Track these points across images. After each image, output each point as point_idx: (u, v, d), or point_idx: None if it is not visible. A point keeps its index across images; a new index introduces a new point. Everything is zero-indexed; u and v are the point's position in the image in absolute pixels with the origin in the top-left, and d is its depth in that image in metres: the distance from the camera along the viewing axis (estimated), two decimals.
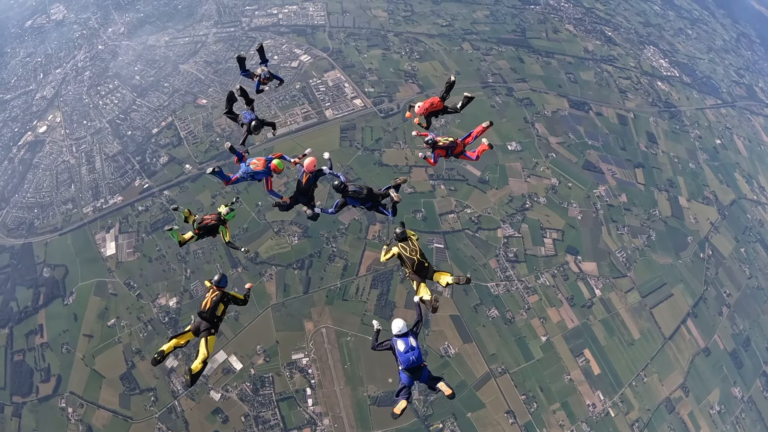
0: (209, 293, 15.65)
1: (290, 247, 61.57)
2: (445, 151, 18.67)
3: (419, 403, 54.68)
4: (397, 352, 13.85)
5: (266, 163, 17.78)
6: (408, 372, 13.80)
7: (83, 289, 60.29)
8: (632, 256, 68.10)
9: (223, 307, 15.51)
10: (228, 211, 17.88)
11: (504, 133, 74.60)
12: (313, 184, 18.05)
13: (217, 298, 15.43)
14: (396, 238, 16.27)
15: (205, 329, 14.96)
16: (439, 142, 18.45)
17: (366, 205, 17.56)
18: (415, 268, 15.71)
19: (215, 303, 15.32)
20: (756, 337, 69.01)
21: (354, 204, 17.55)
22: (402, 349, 13.71)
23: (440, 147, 18.51)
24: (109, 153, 70.99)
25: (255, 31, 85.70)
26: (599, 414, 57.48)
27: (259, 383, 54.59)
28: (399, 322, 14.21)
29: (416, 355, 13.67)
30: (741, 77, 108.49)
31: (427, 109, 19.60)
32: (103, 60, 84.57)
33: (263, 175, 17.89)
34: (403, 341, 13.86)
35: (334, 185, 17.09)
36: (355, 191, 17.10)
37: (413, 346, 13.79)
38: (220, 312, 15.41)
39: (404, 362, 13.65)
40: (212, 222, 17.54)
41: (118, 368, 55.90)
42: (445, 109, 19.92)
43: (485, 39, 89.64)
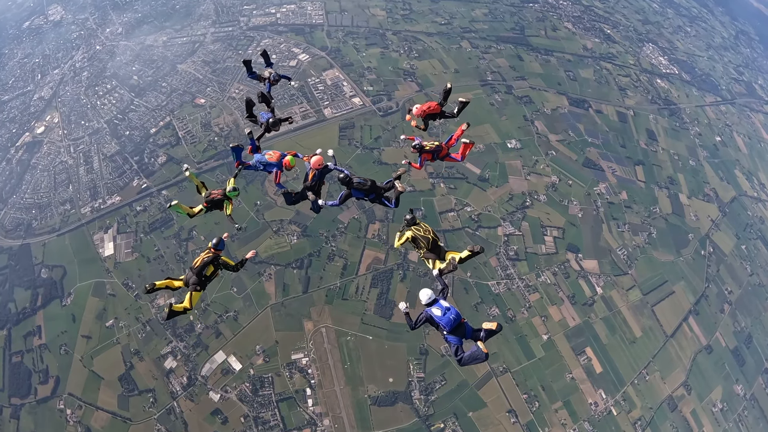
0: (204, 252, 16.11)
1: (289, 247, 61.00)
2: (431, 155, 19.17)
3: (420, 403, 54.06)
4: (435, 318, 13.94)
5: (280, 157, 18.29)
6: (453, 333, 13.88)
7: (81, 290, 59.76)
8: (633, 253, 67.56)
9: (212, 268, 15.90)
10: (232, 189, 18.14)
11: (504, 131, 74.20)
12: (320, 181, 18.50)
13: (209, 259, 15.77)
14: (407, 224, 16.51)
15: (193, 284, 15.48)
16: (426, 146, 18.89)
17: (369, 196, 17.89)
18: (430, 246, 16.03)
19: (206, 263, 15.70)
20: (758, 335, 68.49)
21: (358, 196, 17.92)
22: (439, 314, 13.84)
23: (427, 151, 19.00)
24: (107, 153, 70.49)
25: (253, 31, 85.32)
26: (601, 413, 56.88)
27: (259, 384, 53.99)
28: (426, 291, 14.37)
29: (454, 313, 13.83)
30: (740, 74, 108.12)
31: (424, 111, 20.10)
32: (100, 60, 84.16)
33: (274, 168, 18.31)
34: (437, 307, 14.00)
35: (339, 178, 17.55)
36: (360, 183, 17.52)
37: (448, 307, 13.94)
38: (209, 272, 15.83)
39: (447, 324, 13.76)
40: (218, 196, 18.07)
41: (116, 369, 55.36)
42: (442, 113, 20.39)
43: (484, 37, 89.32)
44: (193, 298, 15.39)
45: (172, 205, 17.52)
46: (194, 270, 15.60)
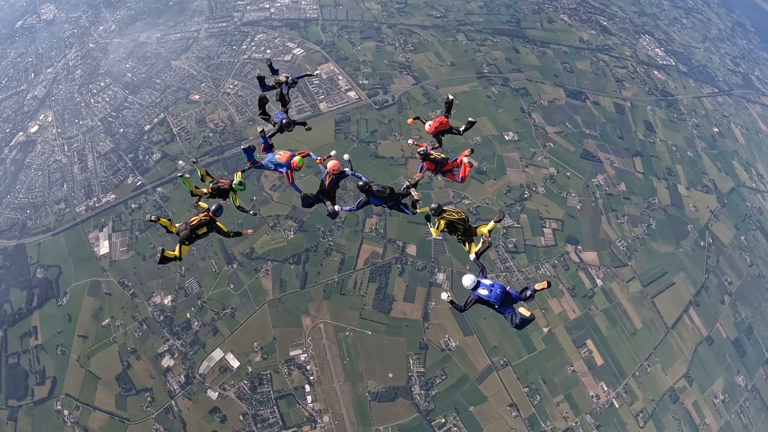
0: (202, 214, 16.70)
1: (286, 242, 60.24)
2: (434, 165, 18.99)
3: (420, 399, 53.41)
4: (485, 298, 14.69)
5: (290, 158, 18.35)
6: (504, 305, 14.75)
7: (77, 290, 59.01)
8: (633, 245, 67.19)
9: (206, 229, 16.61)
10: (238, 182, 18.27)
11: (501, 123, 73.77)
12: (336, 185, 18.48)
13: (205, 221, 16.51)
14: (436, 214, 16.58)
15: (183, 238, 16.28)
16: (432, 155, 18.81)
17: (388, 203, 17.95)
18: (464, 232, 16.52)
19: (201, 224, 16.45)
20: (758, 325, 68.18)
21: (376, 203, 17.91)
22: (487, 293, 14.63)
23: (431, 160, 18.84)
24: (101, 151, 69.66)
25: (247, 26, 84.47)
26: (603, 405, 56.41)
27: (257, 381, 53.28)
28: (468, 276, 15.07)
29: (498, 287, 14.64)
30: (737, 66, 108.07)
31: (436, 128, 19.93)
32: (94, 58, 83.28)
33: (284, 167, 18.43)
34: (482, 287, 14.75)
35: (358, 185, 17.46)
36: (379, 191, 17.51)
37: (492, 284, 14.73)
38: (201, 233, 16.57)
39: (496, 299, 14.59)
40: (225, 186, 18.11)
41: (113, 369, 54.72)
42: (450, 128, 20.36)
43: (480, 30, 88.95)
44: (182, 251, 16.43)
45: (183, 176, 18.16)
46: (189, 226, 16.29)
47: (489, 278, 15.24)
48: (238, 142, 67.69)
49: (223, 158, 65.66)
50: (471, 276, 15.08)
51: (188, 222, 16.52)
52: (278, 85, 21.02)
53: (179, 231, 16.42)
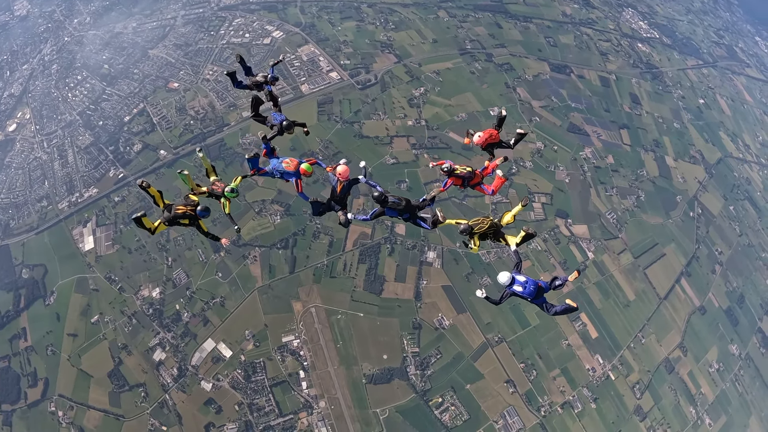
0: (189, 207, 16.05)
1: (273, 227, 59.44)
2: (461, 180, 18.05)
3: (417, 379, 53.14)
4: (519, 294, 15.02)
5: (298, 165, 17.48)
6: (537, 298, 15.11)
7: (64, 288, 58.14)
8: (622, 217, 67.29)
9: (187, 221, 16.10)
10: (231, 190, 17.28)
11: (485, 99, 73.14)
12: (347, 192, 17.76)
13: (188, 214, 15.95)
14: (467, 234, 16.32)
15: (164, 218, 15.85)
16: (457, 170, 17.82)
17: (404, 216, 17.23)
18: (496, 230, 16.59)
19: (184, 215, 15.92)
20: (750, 294, 68.82)
21: (391, 214, 17.23)
22: (521, 290, 14.92)
23: (456, 176, 17.86)
24: (81, 145, 68.39)
25: (224, 11, 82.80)
26: (600, 378, 56.57)
27: (251, 369, 52.76)
28: (504, 274, 15.19)
29: (532, 283, 14.92)
30: (721, 38, 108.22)
31: (486, 140, 18.81)
32: (70, 51, 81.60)
33: (293, 177, 17.61)
34: (517, 284, 15.00)
35: (373, 196, 16.88)
36: (394, 202, 16.82)
37: (525, 280, 14.99)
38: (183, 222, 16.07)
39: (530, 294, 14.91)
40: (219, 190, 17.29)
41: (105, 366, 54.03)
42: (500, 142, 19.18)
43: (461, 6, 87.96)
44: (158, 228, 15.93)
45: (182, 173, 17.21)
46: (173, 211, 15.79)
47: (522, 274, 15.34)
48: (219, 128, 66.83)
49: (205, 145, 64.33)
50: (507, 273, 15.14)
51: (175, 207, 15.95)
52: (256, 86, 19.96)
53: (164, 209, 15.92)
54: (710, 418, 59.35)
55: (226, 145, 64.65)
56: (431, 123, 68.99)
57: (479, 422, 52.52)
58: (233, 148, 64.40)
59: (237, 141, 65.03)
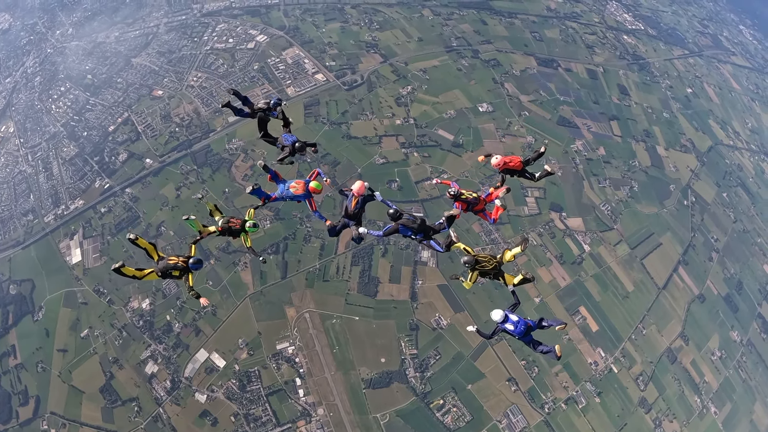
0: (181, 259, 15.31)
1: (263, 232, 57.14)
2: (466, 204, 17.48)
3: (416, 381, 51.16)
4: (509, 332, 15.12)
5: (305, 186, 17.22)
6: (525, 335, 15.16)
7: (52, 302, 55.81)
8: (617, 208, 66.08)
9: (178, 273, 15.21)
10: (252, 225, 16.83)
11: (474, 95, 71.87)
12: (362, 209, 17.33)
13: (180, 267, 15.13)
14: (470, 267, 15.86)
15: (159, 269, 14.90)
16: (463, 194, 17.31)
17: (417, 235, 16.58)
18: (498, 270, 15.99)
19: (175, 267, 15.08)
20: (747, 280, 67.72)
21: (405, 233, 16.60)
22: (512, 328, 15.00)
23: (462, 200, 17.33)
24: (66, 157, 66.08)
25: (207, 17, 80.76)
26: (602, 371, 54.96)
27: (246, 379, 50.57)
28: (497, 312, 15.26)
29: (523, 324, 14.98)
30: (705, 27, 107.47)
31: (505, 163, 18.21)
32: (53, 63, 79.28)
33: (304, 198, 17.34)
34: (510, 322, 15.05)
35: (388, 213, 16.48)
36: (409, 219, 16.31)
37: (517, 321, 15.02)
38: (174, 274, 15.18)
39: (520, 334, 15.01)
40: (237, 227, 16.74)
41: (96, 381, 51.77)
42: (522, 172, 18.63)
43: (445, 4, 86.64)
44: (148, 277, 14.89)
45: (189, 219, 16.62)
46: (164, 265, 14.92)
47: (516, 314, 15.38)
48: (205, 134, 64.77)
49: (191, 152, 62.58)
50: (500, 312, 15.20)
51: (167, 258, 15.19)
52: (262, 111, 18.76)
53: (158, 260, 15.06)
54: (715, 406, 57.80)
55: (213, 151, 62.60)
56: (420, 121, 67.58)
57: (482, 423, 50.62)
58: (220, 153, 62.34)
59: (223, 146, 63.00)
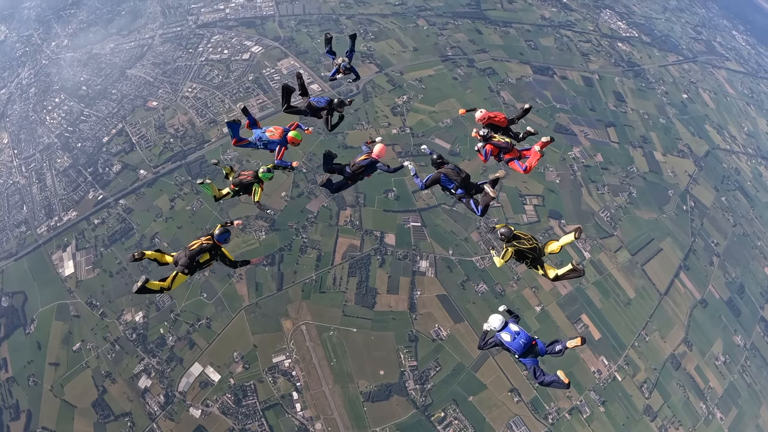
0: (204, 237, 14.25)
1: (258, 243, 55.17)
2: (498, 150, 16.63)
3: (416, 394, 49.01)
4: (506, 344, 13.56)
5: (283, 134, 16.96)
6: (525, 356, 13.50)
7: (44, 315, 53.54)
8: (616, 214, 64.37)
9: (208, 256, 14.10)
10: (266, 170, 16.49)
11: (470, 104, 68.80)
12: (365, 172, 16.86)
13: (207, 246, 13.99)
14: (505, 240, 14.41)
15: (181, 265, 13.72)
16: (494, 137, 16.54)
17: (458, 191, 15.84)
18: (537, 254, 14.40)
19: (201, 249, 13.93)
20: (749, 283, 66.02)
21: (446, 185, 15.90)
22: (509, 339, 13.51)
23: (494, 144, 16.44)
24: (59, 168, 64.19)
25: (202, 28, 79.38)
26: (606, 380, 52.86)
27: (241, 393, 48.22)
28: (496, 317, 13.89)
29: (524, 337, 13.48)
30: (699, 33, 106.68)
31: (490, 118, 17.63)
32: (47, 74, 77.64)
33: (277, 145, 16.91)
34: (506, 332, 13.62)
35: (432, 158, 16.11)
36: (453, 170, 15.66)
37: (518, 332, 13.56)
38: (203, 260, 14.05)
39: (517, 349, 13.44)
40: (249, 179, 16.38)
41: (89, 395, 49.36)
42: (507, 129, 17.86)
43: (440, 14, 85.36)
44: (177, 280, 13.63)
45: (204, 183, 16.08)
46: (188, 252, 13.81)
47: (518, 325, 13.86)
48: (200, 144, 62.76)
49: (185, 163, 60.77)
50: (499, 317, 13.83)
51: (187, 248, 13.96)
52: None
53: (177, 260, 13.84)
54: (721, 412, 55.72)
55: (208, 162, 60.51)
56: (416, 130, 65.95)
57: None
58: None
59: (218, 157, 60.92)
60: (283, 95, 17.90)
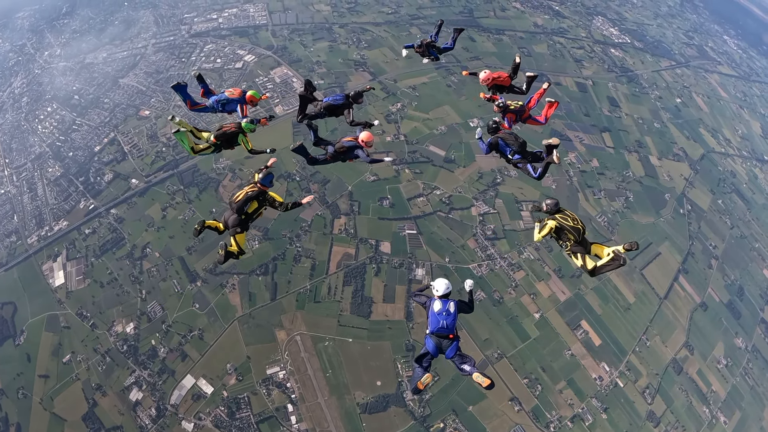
0: (248, 186, 13.65)
1: (251, 252, 53.29)
2: (514, 115, 16.95)
3: (415, 404, 47.17)
4: (430, 311, 12.37)
5: (242, 93, 16.45)
6: (435, 337, 12.17)
7: (34, 326, 51.54)
8: (613, 219, 62.96)
9: (256, 205, 13.49)
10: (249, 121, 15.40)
11: (464, 111, 69.04)
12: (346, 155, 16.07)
13: (253, 194, 13.45)
14: (549, 211, 13.71)
15: (233, 226, 13.28)
16: (510, 105, 16.85)
17: (515, 156, 15.74)
18: (580, 238, 13.45)
19: (248, 197, 13.35)
20: (748, 285, 64.61)
21: (504, 150, 15.84)
22: (436, 310, 12.26)
23: (511, 111, 16.83)
24: (51, 177, 62.42)
25: (195, 38, 78.15)
26: (608, 386, 51.19)
27: (235, 406, 46.24)
28: (442, 282, 12.65)
29: (449, 321, 12.11)
30: (691, 39, 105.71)
31: (493, 79, 18.11)
32: (40, 84, 76.03)
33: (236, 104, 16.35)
34: (441, 302, 12.37)
35: (488, 124, 15.84)
36: (510, 135, 15.61)
37: (449, 312, 12.22)
38: (252, 210, 13.44)
39: (432, 324, 12.21)
40: (232, 129, 15.35)
41: (79, 408, 47.34)
42: (511, 87, 18.53)
43: (433, 22, 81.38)
44: (240, 241, 13.43)
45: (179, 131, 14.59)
46: (234, 206, 13.21)
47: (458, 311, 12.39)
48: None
49: (178, 172, 59.16)
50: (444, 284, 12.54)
51: (231, 201, 13.37)
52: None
53: (225, 222, 13.35)
54: (724, 416, 53.97)
55: (200, 170, 59.07)
56: (410, 137, 64.62)
57: None
58: (207, 173, 58.76)
59: (210, 166, 59.63)
60: (301, 105, 17.53)
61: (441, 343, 12.10)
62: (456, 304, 12.46)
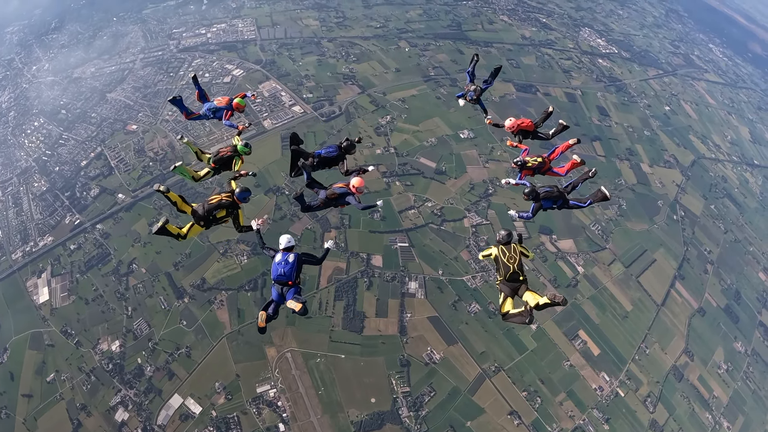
0: (225, 194, 13.88)
1: (239, 268, 51.40)
2: (531, 172, 16.88)
3: (411, 421, 44.81)
4: (273, 263, 13.18)
5: (229, 101, 17.31)
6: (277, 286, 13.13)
7: (18, 344, 49.20)
8: (607, 227, 61.72)
9: (224, 213, 13.74)
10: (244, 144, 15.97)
11: (454, 123, 68.28)
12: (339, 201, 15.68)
13: (225, 203, 13.67)
14: (499, 241, 13.72)
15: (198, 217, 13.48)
16: (528, 163, 16.72)
17: (557, 203, 15.76)
18: (507, 277, 13.08)
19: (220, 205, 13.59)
20: (745, 289, 63.60)
21: (548, 205, 15.79)
22: (276, 260, 13.12)
23: (528, 168, 16.74)
24: (36, 192, 60.28)
25: (184, 53, 76.81)
26: (608, 396, 49.40)
27: (224, 426, 43.77)
28: (286, 236, 13.53)
29: (286, 270, 12.95)
30: (677, 48, 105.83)
31: (518, 126, 18.17)
32: (27, 98, 74.25)
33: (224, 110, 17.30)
34: (282, 254, 13.18)
35: (525, 192, 15.45)
36: (547, 192, 15.45)
37: (288, 261, 13.00)
38: (219, 215, 13.72)
39: (273, 272, 13.11)
40: (228, 153, 15.92)
41: (63, 429, 44.86)
42: (535, 132, 18.50)
43: (421, 36, 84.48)
44: (192, 231, 13.60)
45: (176, 167, 14.84)
46: (206, 206, 13.54)
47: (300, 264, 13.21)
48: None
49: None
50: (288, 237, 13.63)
51: (206, 201, 13.74)
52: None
53: (195, 211, 13.49)
54: (728, 421, 52.24)
55: (187, 185, 56.78)
56: (400, 150, 63.50)
57: None
58: (194, 187, 56.21)
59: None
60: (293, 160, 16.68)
61: (282, 290, 12.96)
62: (297, 255, 13.05)
